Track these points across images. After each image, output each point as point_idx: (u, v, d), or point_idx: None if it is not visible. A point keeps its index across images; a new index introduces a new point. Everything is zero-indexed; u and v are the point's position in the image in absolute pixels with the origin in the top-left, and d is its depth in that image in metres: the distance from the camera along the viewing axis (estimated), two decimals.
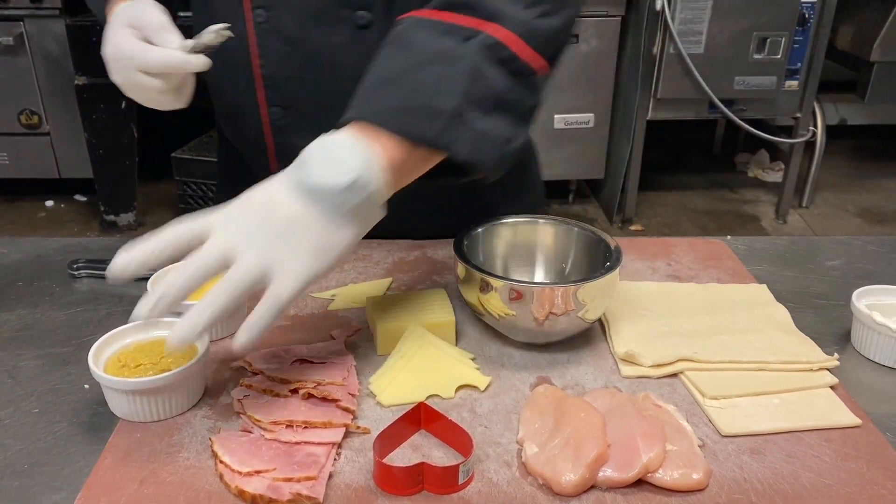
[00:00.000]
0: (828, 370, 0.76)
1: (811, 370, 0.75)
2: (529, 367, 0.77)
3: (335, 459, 0.64)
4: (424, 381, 0.73)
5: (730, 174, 3.70)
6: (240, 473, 0.61)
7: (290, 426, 0.66)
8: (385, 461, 0.61)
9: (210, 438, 0.65)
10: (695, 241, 1.04)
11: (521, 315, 0.74)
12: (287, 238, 0.62)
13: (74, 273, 0.93)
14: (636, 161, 3.06)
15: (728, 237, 1.06)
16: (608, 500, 0.61)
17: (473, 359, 0.78)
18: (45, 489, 0.61)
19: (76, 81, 2.71)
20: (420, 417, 0.67)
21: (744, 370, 0.75)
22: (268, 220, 0.62)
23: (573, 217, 0.88)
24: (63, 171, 3.05)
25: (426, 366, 0.75)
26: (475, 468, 0.63)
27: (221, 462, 0.62)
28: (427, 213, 0.97)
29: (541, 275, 0.88)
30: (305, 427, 0.66)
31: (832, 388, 0.74)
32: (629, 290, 0.89)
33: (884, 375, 0.78)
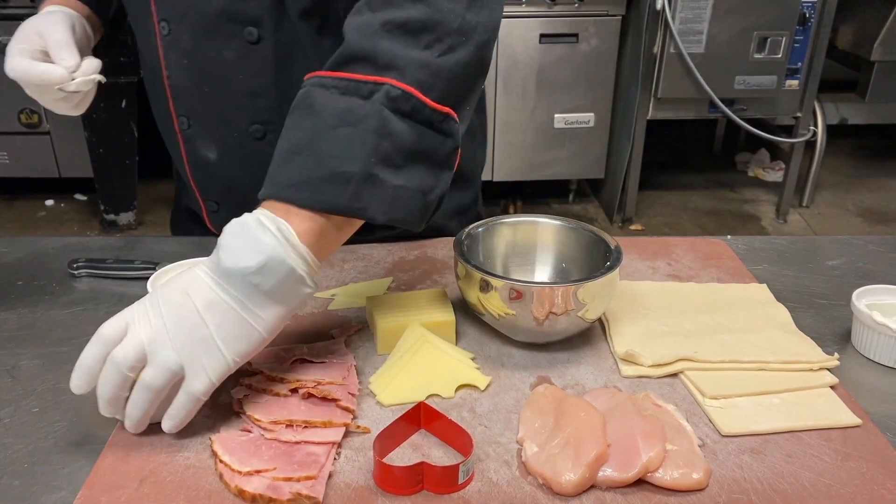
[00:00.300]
0: (828, 370, 0.76)
1: (811, 370, 0.75)
2: (529, 367, 0.77)
3: (335, 459, 0.64)
4: (424, 381, 0.73)
5: (730, 174, 3.70)
6: (240, 473, 0.61)
7: (290, 426, 0.66)
8: (385, 461, 0.61)
9: (210, 438, 0.65)
10: (695, 241, 1.04)
11: (521, 314, 0.74)
12: (201, 330, 0.62)
13: (74, 272, 0.93)
14: (636, 160, 3.06)
15: (728, 237, 1.06)
16: (608, 500, 0.61)
17: (473, 358, 0.78)
18: (46, 488, 0.61)
19: None
20: (420, 417, 0.67)
21: (744, 370, 0.75)
22: (184, 311, 0.62)
23: (573, 216, 0.89)
24: (63, 171, 3.05)
25: (426, 365, 0.75)
26: (475, 468, 0.63)
27: (221, 461, 0.62)
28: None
29: (541, 274, 0.88)
30: (305, 426, 0.66)
31: (832, 388, 0.74)
32: (629, 290, 0.89)
33: (884, 375, 0.78)
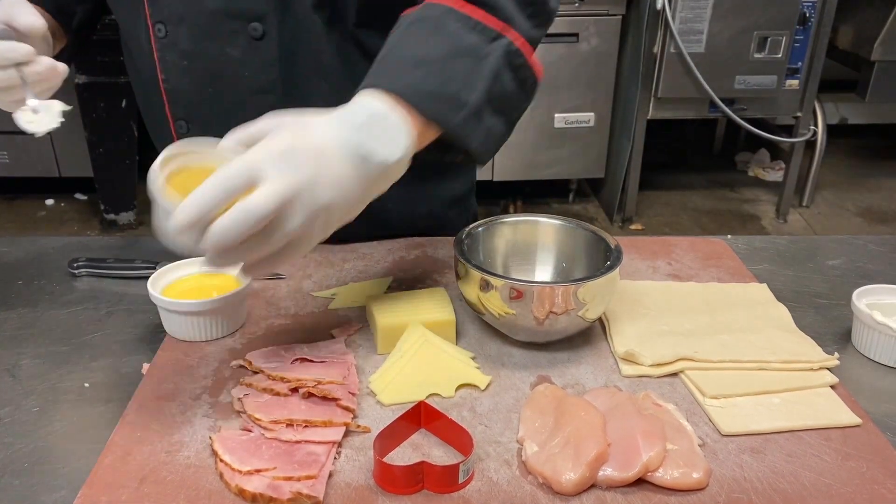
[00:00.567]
0: (828, 369, 0.76)
1: (811, 369, 0.75)
2: (529, 366, 0.77)
3: (335, 458, 0.64)
4: (424, 380, 0.73)
5: (730, 173, 3.70)
6: (240, 472, 0.61)
7: (291, 425, 0.66)
8: (385, 460, 0.61)
9: (210, 437, 0.65)
10: (695, 241, 1.04)
11: (522, 314, 0.74)
12: (333, 197, 0.61)
13: (74, 272, 0.93)
14: (636, 160, 3.06)
15: (728, 236, 1.06)
16: (608, 500, 0.61)
17: (473, 358, 0.78)
18: (46, 488, 0.62)
19: (76, 80, 2.71)
20: (420, 416, 0.67)
21: (744, 369, 0.75)
22: (318, 176, 0.60)
23: (573, 216, 0.89)
24: (63, 170, 3.05)
25: (426, 365, 0.75)
26: (475, 467, 0.63)
27: (221, 461, 0.62)
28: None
29: (541, 274, 0.88)
30: (305, 426, 0.66)
31: (832, 388, 0.74)
32: (629, 290, 0.89)
33: (884, 375, 0.78)
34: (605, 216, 3.28)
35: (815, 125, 3.11)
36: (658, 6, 2.70)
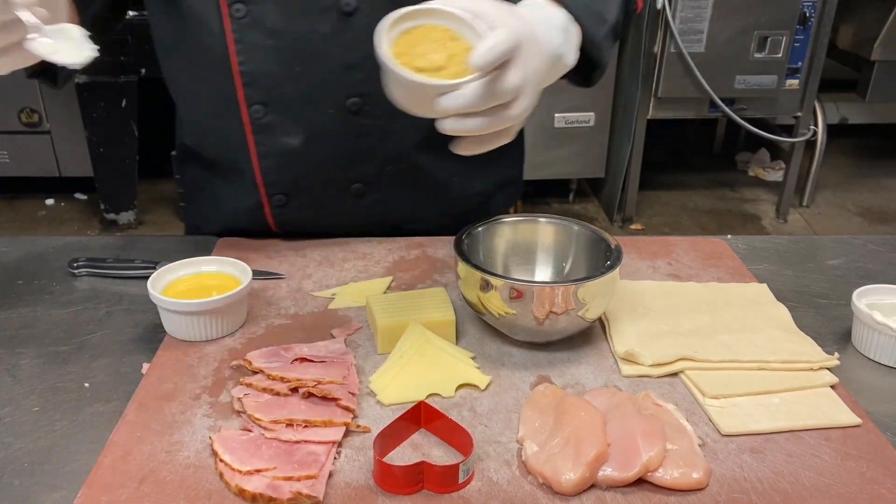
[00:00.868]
0: (828, 369, 0.76)
1: (811, 369, 0.75)
2: (529, 366, 0.77)
3: (335, 458, 0.64)
4: (424, 380, 0.73)
5: (730, 173, 3.70)
6: (240, 472, 0.61)
7: (291, 425, 0.66)
8: (385, 460, 0.61)
9: (210, 437, 0.65)
10: (695, 241, 1.04)
11: (522, 314, 0.74)
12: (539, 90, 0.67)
13: (75, 272, 0.93)
14: (637, 160, 3.06)
15: (728, 236, 1.06)
16: (608, 500, 0.61)
17: (473, 357, 0.78)
18: (46, 487, 0.62)
19: (77, 80, 2.71)
20: (420, 416, 0.67)
21: (744, 369, 0.75)
22: (541, 65, 0.66)
23: (573, 216, 0.90)
24: (63, 170, 3.05)
25: (426, 364, 0.75)
26: (475, 467, 0.63)
27: (221, 461, 0.62)
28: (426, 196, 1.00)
29: (541, 274, 0.88)
30: (305, 426, 0.66)
31: (832, 388, 0.74)
32: (629, 290, 0.89)
33: (884, 375, 0.78)
34: (605, 216, 3.28)
35: (816, 125, 3.11)
36: (658, 6, 2.70)
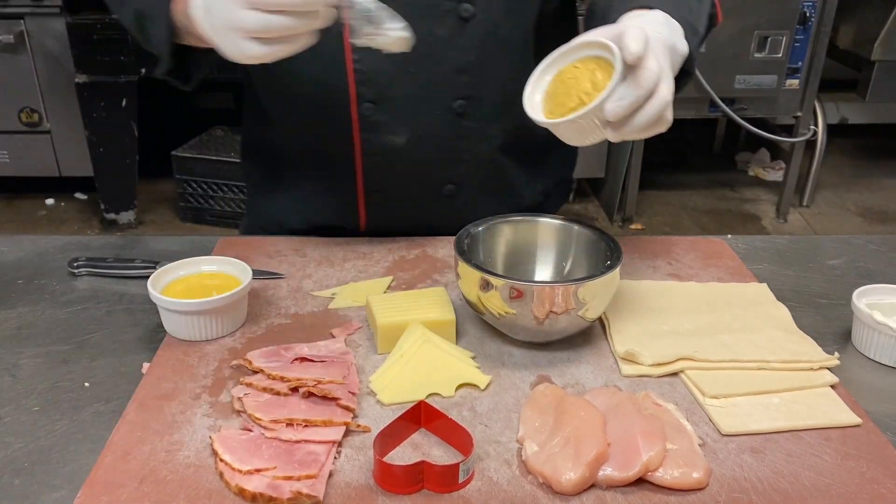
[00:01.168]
0: (828, 369, 0.76)
1: (811, 369, 0.75)
2: (529, 366, 0.77)
3: (335, 458, 0.64)
4: (424, 380, 0.73)
5: (730, 173, 3.69)
6: (240, 472, 0.61)
7: (291, 424, 0.66)
8: (385, 460, 0.61)
9: (210, 437, 0.65)
10: (695, 240, 1.04)
11: (522, 314, 0.74)
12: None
13: (74, 271, 0.93)
14: (637, 160, 3.06)
15: (728, 236, 1.06)
16: (608, 499, 0.61)
17: (473, 357, 0.78)
18: (46, 487, 0.62)
19: (77, 79, 2.71)
20: (420, 416, 0.67)
21: (744, 369, 0.75)
22: (665, 54, 0.71)
23: (573, 216, 0.91)
24: (63, 170, 3.05)
25: (426, 364, 0.75)
26: (475, 467, 0.63)
27: (222, 460, 0.62)
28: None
29: (541, 273, 0.88)
30: (306, 425, 0.66)
31: (832, 388, 0.74)
32: (630, 289, 0.89)
33: (884, 375, 0.78)
34: (606, 216, 3.28)
35: (816, 125, 3.10)
36: None
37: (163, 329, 0.81)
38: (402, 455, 0.65)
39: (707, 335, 0.80)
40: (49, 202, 3.24)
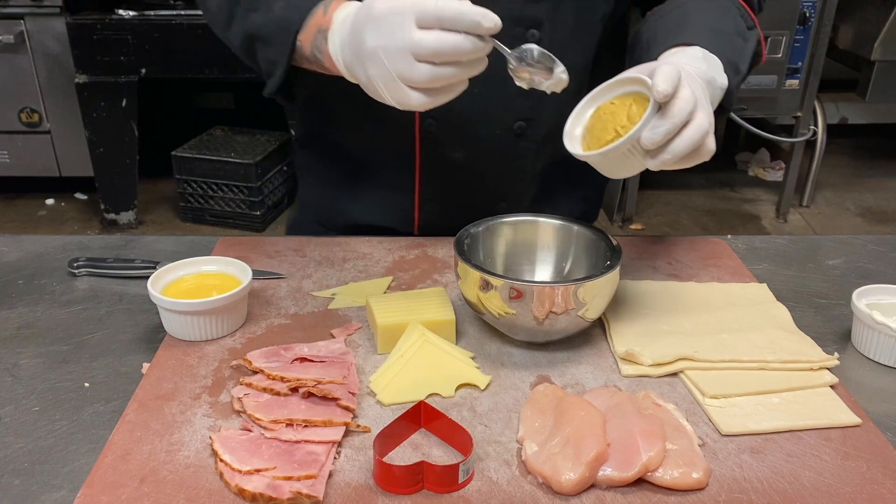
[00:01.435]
0: (828, 369, 0.76)
1: (811, 369, 0.75)
2: (529, 366, 0.77)
3: (335, 458, 0.64)
4: (424, 380, 0.73)
5: (730, 173, 3.70)
6: (240, 472, 0.61)
7: (290, 425, 0.66)
8: (385, 460, 0.61)
9: (210, 437, 0.65)
10: (695, 240, 1.04)
11: (521, 314, 0.74)
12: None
13: (75, 271, 0.93)
14: None
15: (728, 236, 1.06)
16: (608, 499, 0.61)
17: (473, 357, 0.78)
18: (46, 487, 0.62)
19: (77, 79, 2.71)
20: (420, 416, 0.67)
21: (744, 369, 0.75)
22: (701, 86, 0.74)
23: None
24: (63, 170, 3.05)
25: (426, 364, 0.75)
26: (475, 467, 0.63)
27: (221, 460, 0.62)
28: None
29: (541, 273, 0.88)
30: (305, 426, 0.66)
31: (832, 388, 0.74)
32: (629, 289, 0.89)
33: (884, 375, 0.78)
34: (605, 216, 3.28)
35: (815, 125, 3.10)
36: None
37: (163, 329, 0.81)
38: (402, 455, 0.65)
39: (707, 335, 0.80)
40: (49, 202, 3.24)
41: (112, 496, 0.60)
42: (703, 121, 0.69)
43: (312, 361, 0.74)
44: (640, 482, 0.62)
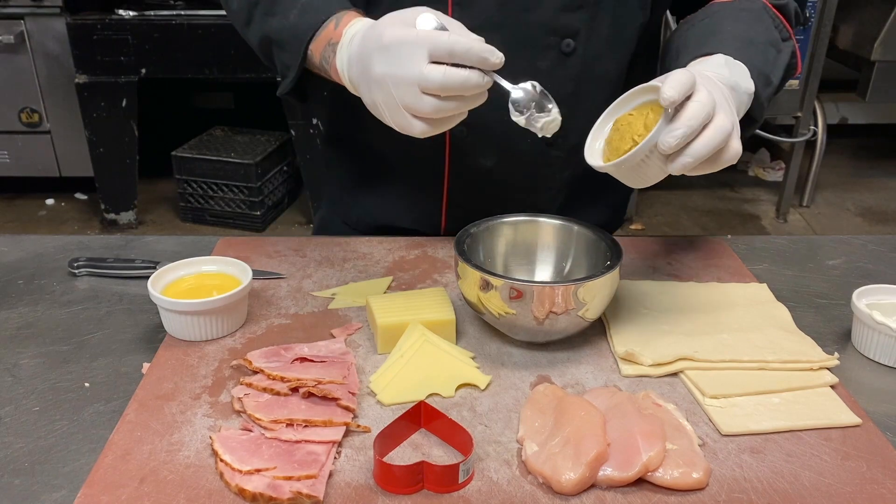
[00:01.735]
0: (828, 369, 0.76)
1: (811, 369, 0.75)
2: (529, 366, 0.77)
3: (335, 458, 0.64)
4: (424, 380, 0.73)
5: (730, 173, 3.69)
6: (240, 472, 0.61)
7: (291, 425, 0.66)
8: (385, 460, 0.61)
9: (210, 437, 0.65)
10: (695, 240, 1.04)
11: (522, 314, 0.74)
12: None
13: (75, 271, 0.93)
14: None
15: (728, 236, 1.06)
16: (608, 499, 0.61)
17: (473, 357, 0.78)
18: (46, 487, 0.62)
19: (77, 80, 2.71)
20: (420, 416, 0.68)
21: (744, 369, 0.75)
22: (722, 92, 0.73)
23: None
24: (63, 170, 3.05)
25: (426, 364, 0.75)
26: (475, 467, 0.63)
27: (222, 460, 0.62)
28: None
29: (541, 274, 0.88)
30: (306, 425, 0.66)
31: (832, 388, 0.74)
32: (629, 289, 0.89)
33: (884, 375, 0.78)
34: None
35: (816, 125, 3.10)
36: None
37: (163, 329, 0.81)
38: (402, 455, 0.65)
39: (707, 335, 0.80)
40: (49, 202, 3.24)
41: (112, 496, 0.60)
42: (725, 122, 0.68)
43: (312, 361, 0.74)
44: (641, 482, 0.62)
